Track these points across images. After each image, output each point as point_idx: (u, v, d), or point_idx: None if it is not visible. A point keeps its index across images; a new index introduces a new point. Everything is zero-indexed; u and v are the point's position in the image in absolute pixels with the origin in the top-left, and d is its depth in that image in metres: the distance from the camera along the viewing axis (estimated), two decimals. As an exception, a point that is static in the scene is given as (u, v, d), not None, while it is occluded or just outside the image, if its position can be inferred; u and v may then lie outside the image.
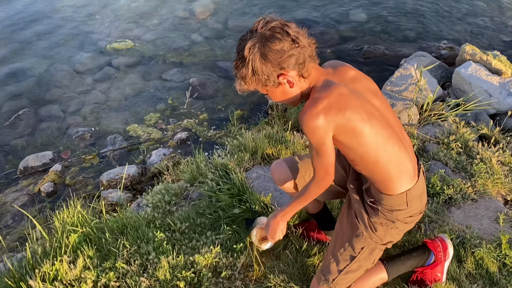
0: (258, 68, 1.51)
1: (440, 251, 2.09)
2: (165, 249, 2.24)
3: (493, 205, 2.71)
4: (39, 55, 5.60)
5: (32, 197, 3.53)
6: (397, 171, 1.67)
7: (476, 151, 3.14)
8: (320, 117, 1.51)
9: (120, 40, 5.89)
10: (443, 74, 4.71)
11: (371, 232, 1.77)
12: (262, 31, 1.49)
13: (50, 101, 4.76)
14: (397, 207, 1.72)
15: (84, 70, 5.31)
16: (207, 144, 4.09)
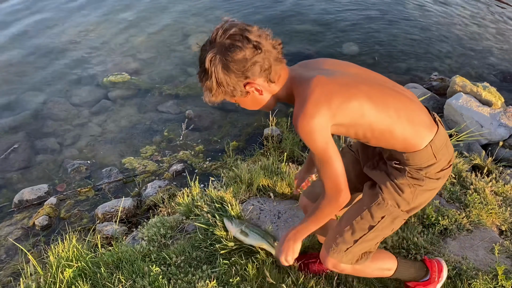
0: (222, 79, 1.46)
1: (435, 271, 2.11)
2: (161, 284, 2.22)
3: (488, 235, 2.72)
4: (36, 87, 5.66)
5: (27, 231, 3.50)
6: (412, 126, 1.57)
7: (470, 181, 3.17)
8: (313, 117, 1.44)
9: (116, 73, 5.97)
10: (435, 105, 4.80)
11: (397, 195, 1.64)
12: (221, 41, 1.43)
13: (46, 134, 4.78)
14: (426, 163, 1.61)
15: (80, 103, 5.35)
16: (203, 175, 4.10)
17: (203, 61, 1.46)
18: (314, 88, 1.47)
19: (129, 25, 7.51)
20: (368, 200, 1.72)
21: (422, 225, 2.77)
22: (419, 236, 2.64)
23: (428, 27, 7.39)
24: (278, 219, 2.91)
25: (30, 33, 7.12)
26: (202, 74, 1.50)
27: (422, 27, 7.39)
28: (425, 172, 1.62)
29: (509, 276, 2.28)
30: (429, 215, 2.76)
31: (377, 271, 1.98)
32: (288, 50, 6.53)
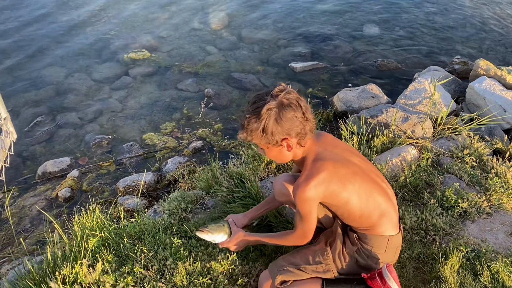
0: (269, 128, 1.70)
1: (379, 287, 1.83)
2: (182, 255, 2.28)
3: (508, 219, 2.71)
4: (58, 63, 5.73)
5: (50, 202, 3.60)
6: (382, 221, 1.88)
7: (491, 166, 3.14)
8: (311, 192, 1.76)
9: (137, 50, 6.00)
10: (457, 88, 4.73)
11: (338, 259, 1.96)
12: (281, 99, 1.68)
13: (68, 109, 4.85)
14: (376, 249, 1.91)
15: (101, 79, 5.41)
16: (222, 153, 4.14)
17: (260, 108, 1.69)
18: (322, 171, 1.77)
19: (149, 3, 7.51)
20: (317, 246, 2.04)
21: (441, 207, 2.77)
22: (438, 218, 2.64)
23: (452, 9, 7.24)
24: (296, 197, 2.93)
25: (51, 10, 7.18)
26: (253, 117, 1.71)
27: (445, 9, 7.24)
28: (371, 255, 1.92)
29: (529, 260, 2.28)
30: (448, 197, 2.76)
31: None
32: (307, 30, 6.48)
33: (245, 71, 5.56)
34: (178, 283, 2.09)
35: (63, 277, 2.11)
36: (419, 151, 3.39)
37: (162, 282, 2.11)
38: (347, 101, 4.44)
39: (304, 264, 1.98)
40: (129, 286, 2.07)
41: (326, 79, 5.39)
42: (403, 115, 3.71)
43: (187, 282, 2.10)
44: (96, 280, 2.11)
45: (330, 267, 1.97)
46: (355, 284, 1.93)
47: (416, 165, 3.18)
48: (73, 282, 2.10)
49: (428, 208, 2.72)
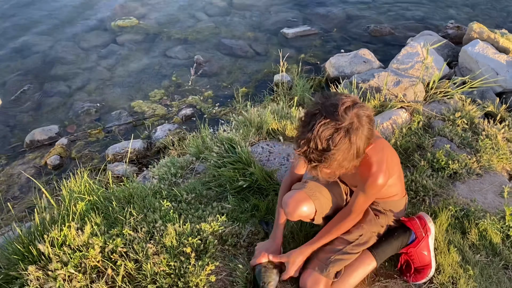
0: (360, 148, 1.53)
1: (419, 228, 2.05)
2: (172, 218, 2.26)
3: (497, 180, 2.72)
4: (44, 31, 5.59)
5: (39, 170, 3.56)
6: (401, 184, 2.02)
7: (482, 128, 3.14)
8: (385, 178, 1.74)
9: (124, 17, 5.86)
10: (450, 53, 4.68)
11: (379, 227, 1.99)
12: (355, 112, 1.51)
13: (55, 77, 4.76)
14: (397, 209, 2.04)
15: (89, 47, 5.30)
16: (212, 120, 4.10)
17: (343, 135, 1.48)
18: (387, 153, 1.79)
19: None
20: None
21: (431, 168, 2.77)
22: (428, 179, 2.64)
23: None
24: (287, 161, 2.92)
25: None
26: (337, 149, 1.48)
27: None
28: (395, 216, 2.06)
29: (517, 218, 2.29)
30: (439, 159, 2.75)
31: (365, 272, 1.97)
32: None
33: (236, 38, 5.46)
34: (167, 243, 2.08)
35: (51, 240, 2.09)
36: (411, 115, 3.37)
37: (151, 243, 2.10)
38: (339, 67, 4.38)
39: (346, 245, 1.92)
40: (118, 248, 2.06)
41: (318, 45, 5.31)
42: (395, 79, 3.68)
43: (176, 243, 2.09)
44: (85, 242, 2.10)
45: (370, 234, 1.97)
46: (396, 235, 2.04)
47: (407, 128, 3.17)
48: (62, 244, 2.09)
49: (419, 170, 2.72)
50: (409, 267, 2.03)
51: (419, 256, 2.01)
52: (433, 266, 2.01)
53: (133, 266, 1.98)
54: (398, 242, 2.02)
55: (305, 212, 1.94)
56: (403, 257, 2.06)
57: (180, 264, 2.00)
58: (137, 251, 2.07)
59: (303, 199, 1.94)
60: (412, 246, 2.02)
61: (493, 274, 2.06)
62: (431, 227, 2.07)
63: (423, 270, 2.01)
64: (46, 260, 2.00)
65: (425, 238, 2.03)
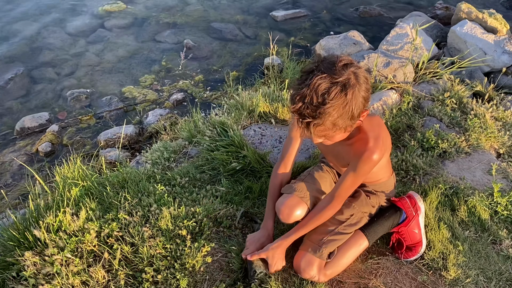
0: (356, 109, 1.48)
1: (409, 207, 2.09)
2: (166, 201, 2.28)
3: (486, 158, 2.77)
4: (29, 17, 5.50)
5: (31, 157, 3.55)
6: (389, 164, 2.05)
7: (470, 107, 3.18)
8: (380, 153, 1.70)
9: (112, 2, 5.78)
10: (438, 33, 4.70)
11: (369, 207, 2.02)
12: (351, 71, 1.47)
13: (43, 64, 4.71)
14: (388, 189, 2.08)
15: (76, 33, 5.23)
16: (204, 104, 4.09)
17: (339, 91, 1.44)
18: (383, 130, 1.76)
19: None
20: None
21: (421, 148, 2.81)
22: (418, 159, 2.68)
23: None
24: (279, 143, 2.94)
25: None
26: (331, 106, 1.43)
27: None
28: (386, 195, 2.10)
29: (504, 194, 2.35)
30: (428, 138, 2.79)
31: (358, 251, 2.00)
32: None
33: (225, 21, 5.42)
34: (163, 227, 2.11)
35: (47, 226, 2.10)
36: (400, 95, 3.40)
37: (147, 226, 2.13)
38: (329, 49, 4.38)
39: (338, 225, 1.93)
40: (114, 232, 2.08)
41: (308, 27, 5.30)
42: (385, 60, 3.69)
43: (172, 226, 2.12)
44: (80, 227, 2.12)
45: (361, 215, 1.99)
46: (387, 215, 2.08)
47: (397, 108, 3.20)
48: (57, 230, 2.10)
49: (409, 150, 2.76)
50: (401, 245, 2.08)
51: (410, 234, 2.06)
52: (423, 244, 2.07)
53: (129, 249, 2.01)
54: (389, 222, 2.06)
55: (300, 216, 1.95)
56: (395, 236, 2.10)
57: (176, 246, 2.02)
58: (133, 234, 2.09)
59: (296, 204, 1.95)
60: (403, 225, 2.07)
61: (482, 249, 2.12)
62: (421, 206, 2.11)
63: (414, 248, 2.06)
64: (42, 246, 2.01)
65: (416, 217, 2.07)
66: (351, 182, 1.78)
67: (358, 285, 1.95)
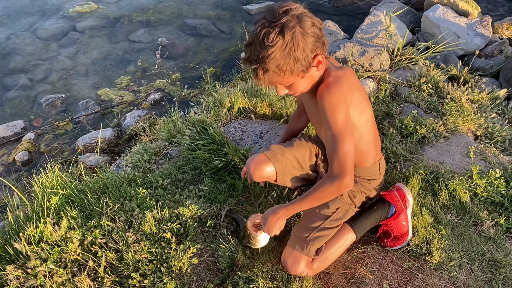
0: (300, 50, 1.46)
1: (398, 200, 2.07)
2: (149, 205, 2.26)
3: (464, 141, 2.81)
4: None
5: (8, 167, 3.47)
6: (375, 145, 1.91)
7: (447, 91, 3.22)
8: (344, 92, 1.58)
9: (83, 3, 5.66)
10: (412, 19, 4.73)
11: (350, 198, 1.97)
12: (293, 14, 1.46)
13: (15, 70, 4.59)
14: (372, 176, 1.99)
15: (47, 36, 5.11)
16: (182, 103, 4.06)
17: (277, 33, 1.43)
18: (348, 72, 1.65)
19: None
20: None
21: (400, 135, 2.83)
22: (397, 146, 2.70)
23: None
24: (260, 138, 2.93)
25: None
26: (273, 47, 1.43)
27: None
28: (371, 183, 1.99)
29: (483, 176, 2.39)
30: (407, 125, 2.82)
31: (345, 245, 2.00)
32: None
33: (199, 17, 5.37)
34: (147, 231, 2.08)
35: (28, 238, 2.06)
36: (377, 83, 3.42)
37: (130, 232, 2.10)
38: (304, 40, 4.38)
39: (324, 220, 1.90)
40: (98, 239, 2.05)
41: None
42: (360, 49, 3.71)
43: (156, 229, 2.10)
44: (63, 236, 2.08)
45: (347, 207, 1.96)
46: (376, 209, 2.07)
47: (375, 97, 3.22)
48: (39, 241, 2.06)
49: (388, 137, 2.78)
50: (388, 235, 2.09)
51: (398, 226, 2.06)
52: (410, 233, 2.08)
53: (114, 256, 1.98)
54: (378, 215, 2.06)
55: (266, 173, 2.00)
56: (383, 228, 2.10)
57: (161, 250, 2.01)
58: (117, 240, 2.06)
59: (262, 161, 2.00)
60: (392, 218, 2.06)
61: (464, 231, 2.15)
62: (410, 199, 2.09)
63: (401, 237, 2.08)
64: (24, 258, 1.97)
65: (404, 210, 2.07)
66: (333, 140, 1.61)
67: (345, 275, 1.97)
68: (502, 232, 2.16)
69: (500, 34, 4.18)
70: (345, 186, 1.65)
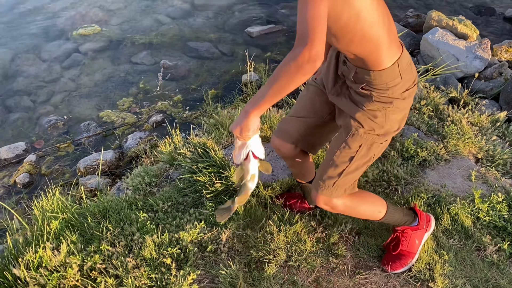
0: None
1: (423, 219, 2.12)
2: (149, 229, 2.25)
3: (465, 164, 2.81)
4: (2, 45, 5.42)
5: (8, 189, 3.46)
6: (388, 36, 1.48)
7: (447, 114, 3.23)
8: None
9: (86, 25, 5.74)
10: (412, 41, 4.78)
11: (370, 121, 1.63)
12: None
13: (18, 92, 4.63)
14: (392, 83, 1.56)
15: (51, 58, 5.17)
16: (184, 125, 4.07)
17: None
18: None
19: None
20: (344, 133, 1.72)
21: (401, 158, 2.83)
22: (399, 169, 2.70)
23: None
24: (261, 161, 2.92)
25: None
26: None
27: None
28: (391, 92, 1.57)
29: (485, 200, 2.38)
30: (408, 148, 2.82)
31: (368, 211, 1.95)
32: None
33: (201, 39, 5.43)
34: (147, 256, 2.07)
35: (27, 263, 2.05)
36: (378, 106, 3.43)
37: (130, 257, 2.09)
38: (305, 62, 4.42)
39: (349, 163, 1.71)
40: (97, 264, 2.04)
41: (283, 42, 5.34)
42: (361, 71, 3.73)
43: (156, 254, 2.08)
44: (62, 262, 2.06)
45: (370, 138, 1.67)
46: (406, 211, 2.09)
47: (375, 119, 3.23)
48: (38, 266, 2.04)
49: (389, 160, 2.78)
50: (396, 247, 2.09)
51: (411, 240, 2.07)
52: (416, 257, 2.08)
53: (113, 282, 1.96)
54: (405, 218, 2.08)
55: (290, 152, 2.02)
56: (398, 234, 2.10)
57: (161, 275, 1.99)
58: (117, 266, 2.05)
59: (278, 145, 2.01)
60: (412, 228, 2.08)
61: (467, 256, 2.13)
62: (433, 225, 2.16)
63: (405, 257, 2.06)
64: (22, 284, 1.96)
65: (424, 230, 2.11)
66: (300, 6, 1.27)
67: (347, 302, 1.94)
68: (505, 257, 2.13)
69: (499, 57, 4.22)
70: (309, 56, 1.24)
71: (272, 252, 2.15)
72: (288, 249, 2.16)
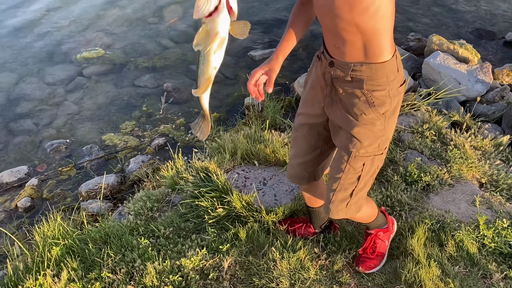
0: None
1: (390, 222, 2.30)
2: (151, 255, 2.23)
3: (469, 189, 2.79)
4: (5, 68, 5.47)
5: (10, 214, 3.45)
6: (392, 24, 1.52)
7: (450, 138, 3.22)
8: None
9: (90, 49, 5.80)
10: (413, 65, 4.81)
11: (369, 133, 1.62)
12: None
13: (21, 115, 4.65)
14: (392, 76, 1.55)
15: (54, 82, 5.21)
16: (186, 148, 4.07)
17: None
18: None
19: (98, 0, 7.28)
20: (345, 156, 1.71)
21: (405, 182, 2.82)
22: (402, 194, 2.68)
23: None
24: (264, 185, 2.92)
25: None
26: None
27: (397, -13, 7.33)
28: (391, 87, 1.56)
29: (490, 226, 2.35)
30: (411, 172, 2.81)
31: (366, 214, 2.04)
32: (264, 18, 6.42)
33: (204, 62, 5.47)
34: (148, 284, 2.04)
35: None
36: (381, 130, 3.43)
37: (131, 284, 2.06)
38: (307, 86, 4.44)
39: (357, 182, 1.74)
40: (98, 293, 2.01)
41: (286, 65, 5.36)
42: (363, 95, 3.75)
43: (157, 282, 2.05)
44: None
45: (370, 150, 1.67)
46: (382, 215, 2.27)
47: (378, 143, 3.22)
48: (37, 294, 2.02)
49: (393, 185, 2.77)
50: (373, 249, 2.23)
51: (382, 241, 2.24)
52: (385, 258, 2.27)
53: (114, 311, 1.93)
54: (381, 222, 2.22)
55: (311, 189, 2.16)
56: (373, 237, 2.23)
57: (162, 304, 1.96)
58: (117, 294, 2.02)
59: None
60: (383, 231, 2.24)
61: (473, 284, 2.10)
62: (395, 228, 2.36)
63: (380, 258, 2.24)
64: (22, 313, 1.93)
65: (390, 233, 2.30)
66: None
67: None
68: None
69: (501, 80, 4.23)
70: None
71: (275, 280, 2.12)
72: (292, 277, 2.13)
